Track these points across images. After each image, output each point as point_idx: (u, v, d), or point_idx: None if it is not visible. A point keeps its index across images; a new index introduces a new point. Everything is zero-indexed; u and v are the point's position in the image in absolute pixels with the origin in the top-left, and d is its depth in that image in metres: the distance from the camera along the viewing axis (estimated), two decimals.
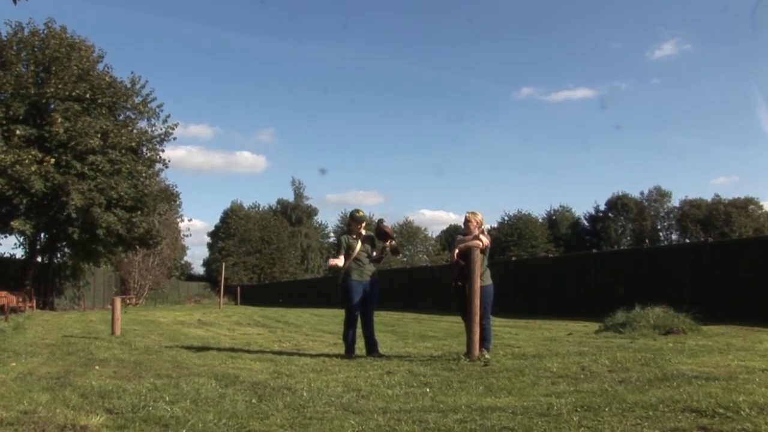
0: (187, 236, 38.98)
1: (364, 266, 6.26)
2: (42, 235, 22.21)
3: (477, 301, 5.52)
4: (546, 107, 76.33)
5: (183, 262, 51.58)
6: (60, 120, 18.75)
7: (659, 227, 54.59)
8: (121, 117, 22.37)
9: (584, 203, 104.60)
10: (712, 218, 49.65)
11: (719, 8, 65.56)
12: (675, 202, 54.40)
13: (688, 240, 43.59)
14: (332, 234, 57.16)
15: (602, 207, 55.52)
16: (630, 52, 74.83)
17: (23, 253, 22.69)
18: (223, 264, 32.68)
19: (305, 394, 3.98)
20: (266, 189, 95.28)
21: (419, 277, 23.20)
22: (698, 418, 3.06)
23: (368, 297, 6.25)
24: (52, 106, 19.60)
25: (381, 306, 7.86)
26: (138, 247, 24.48)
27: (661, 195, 54.81)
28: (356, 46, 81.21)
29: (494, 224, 52.59)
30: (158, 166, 23.36)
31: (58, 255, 24.05)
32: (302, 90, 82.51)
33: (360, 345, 6.39)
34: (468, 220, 5.97)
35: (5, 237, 21.30)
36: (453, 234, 47.86)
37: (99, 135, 19.49)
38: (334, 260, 6.46)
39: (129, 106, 22.34)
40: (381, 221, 6.43)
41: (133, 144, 21.45)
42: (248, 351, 6.94)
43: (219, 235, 52.65)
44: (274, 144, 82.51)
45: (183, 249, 44.50)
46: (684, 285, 12.53)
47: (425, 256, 54.68)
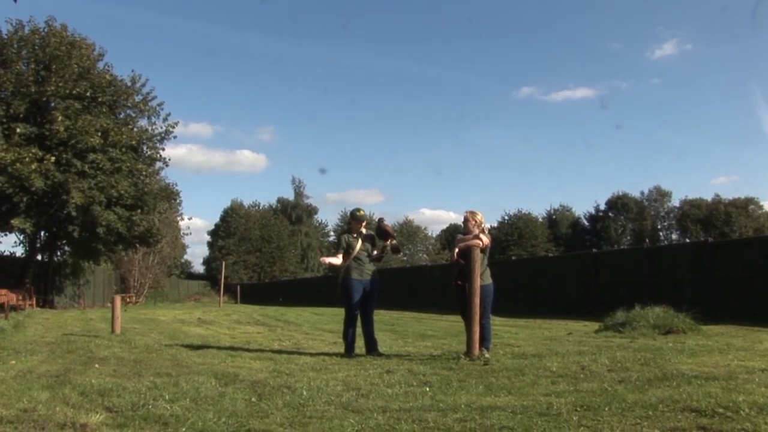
0: (187, 235, 39.04)
1: (365, 265, 6.25)
2: (42, 234, 22.21)
3: (477, 300, 5.51)
4: (546, 107, 76.44)
5: (183, 261, 51.65)
6: (60, 118, 18.75)
7: (659, 227, 54.59)
8: (122, 115, 22.37)
9: (584, 203, 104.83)
10: (712, 218, 49.61)
11: (719, 8, 65.62)
12: (675, 202, 54.56)
13: (688, 240, 43.47)
14: (332, 233, 57.23)
15: (602, 206, 55.61)
16: (630, 52, 74.96)
17: (23, 252, 22.73)
18: (223, 262, 32.69)
19: (305, 393, 3.98)
20: (266, 188, 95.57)
21: (419, 276, 23.19)
22: (698, 418, 3.05)
23: (368, 296, 6.25)
24: (53, 105, 19.59)
25: (381, 305, 7.87)
26: (138, 246, 24.47)
27: (661, 195, 54.83)
28: (356, 45, 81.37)
29: (494, 223, 52.65)
30: (158, 165, 23.41)
31: (58, 253, 24.08)
32: (302, 89, 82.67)
33: (360, 344, 6.39)
34: (467, 220, 5.96)
35: (5, 235, 21.34)
36: (453, 233, 47.87)
37: (99, 133, 19.49)
38: (329, 258, 6.54)
39: (129, 105, 22.34)
40: (381, 220, 6.42)
41: (134, 142, 21.45)
42: (248, 349, 6.94)
43: (219, 234, 52.69)
44: (275, 143, 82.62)
45: (183, 247, 44.60)
46: (684, 285, 12.56)
47: (425, 255, 54.70)
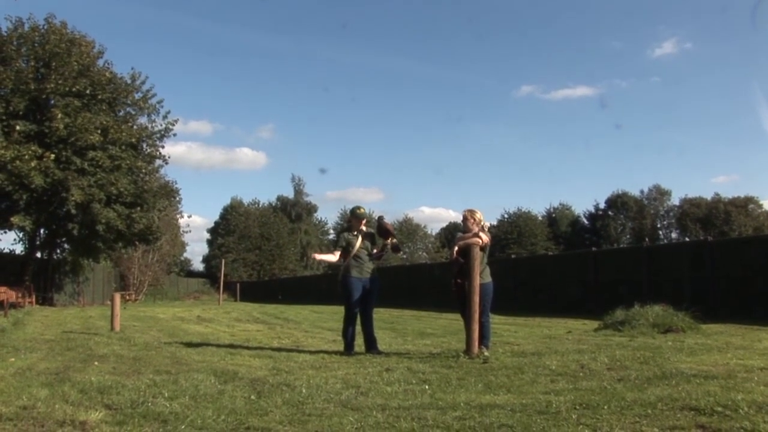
0: (187, 232, 39.12)
1: (364, 263, 6.25)
2: (41, 231, 22.16)
3: (476, 299, 5.51)
4: (546, 105, 76.30)
5: (182, 259, 51.65)
6: (60, 116, 18.70)
7: (659, 226, 54.49)
8: (121, 113, 22.30)
9: (584, 201, 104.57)
10: (712, 217, 49.51)
11: (719, 7, 65.49)
12: (675, 201, 54.44)
13: (688, 239, 43.37)
14: (332, 231, 57.20)
15: (602, 205, 55.49)
16: (630, 51, 74.76)
17: (23, 249, 22.67)
18: (223, 260, 32.72)
19: (304, 391, 3.98)
20: (266, 185, 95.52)
21: (419, 275, 23.20)
22: (697, 417, 3.05)
23: (368, 294, 6.25)
24: (52, 102, 19.53)
25: (380, 303, 7.87)
26: (137, 243, 24.42)
27: (661, 193, 54.72)
28: (356, 44, 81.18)
29: (494, 222, 52.61)
30: (158, 162, 23.33)
31: (58, 251, 24.04)
32: (302, 87, 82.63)
33: (359, 342, 6.39)
34: (465, 218, 5.95)
35: (5, 233, 21.28)
36: (453, 231, 47.87)
37: (99, 131, 19.42)
38: (322, 255, 6.60)
39: (129, 102, 22.27)
40: (381, 218, 6.42)
41: (133, 140, 21.39)
42: (247, 347, 6.93)
43: (219, 232, 52.65)
44: (274, 140, 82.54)
45: (182, 245, 44.59)
46: (683, 283, 12.57)
47: (425, 254, 54.67)
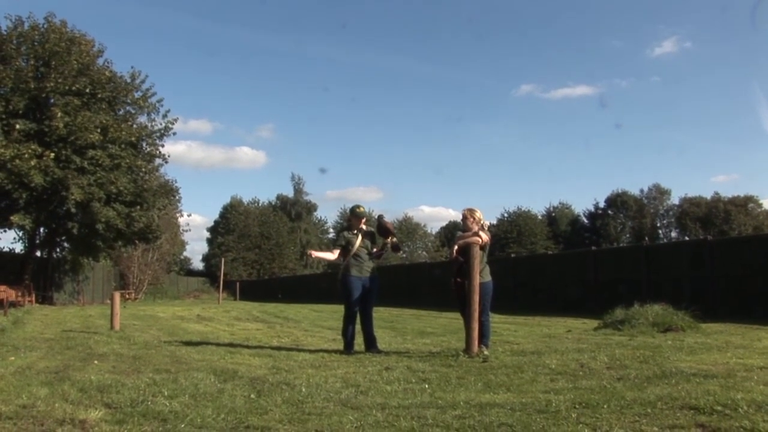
0: (187, 231, 38.92)
1: (364, 262, 6.24)
2: (41, 230, 22.14)
3: (476, 298, 5.50)
4: (546, 104, 76.27)
5: (182, 258, 51.64)
6: (60, 114, 18.68)
7: (659, 225, 54.39)
8: (121, 112, 22.27)
9: (584, 200, 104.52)
10: (712, 216, 49.38)
11: (720, 6, 65.40)
12: (674, 200, 54.34)
13: (688, 238, 43.30)
14: (331, 230, 57.19)
15: (602, 204, 55.38)
16: (630, 50, 74.69)
17: (22, 248, 22.65)
18: (223, 259, 32.69)
19: (304, 390, 3.97)
20: (266, 184, 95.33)
21: (418, 274, 23.18)
22: (696, 416, 3.05)
23: (367, 293, 6.24)
24: (52, 101, 19.50)
25: (380, 302, 7.86)
26: (137, 242, 24.42)
27: (661, 193, 54.61)
28: (356, 43, 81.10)
29: (493, 221, 52.46)
30: (158, 161, 23.31)
31: (58, 249, 24.02)
32: (302, 86, 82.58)
33: (359, 341, 6.38)
34: (465, 217, 5.93)
35: (4, 231, 21.26)
36: (452, 230, 47.83)
37: (99, 130, 19.41)
38: (320, 252, 6.61)
39: (129, 101, 22.24)
40: (381, 217, 6.41)
41: (133, 139, 21.36)
42: (247, 346, 6.93)
43: (218, 231, 52.59)
44: (274, 139, 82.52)
45: (182, 244, 44.56)
46: (683, 283, 12.56)
47: (424, 253, 54.61)
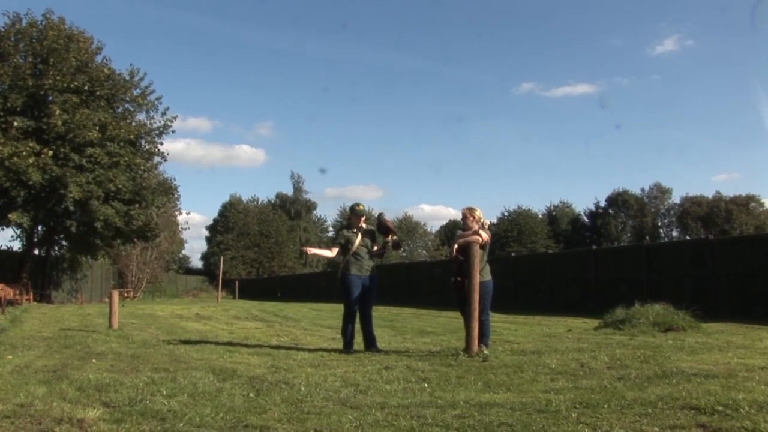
0: (186, 230, 39.04)
1: (364, 261, 6.22)
2: (39, 228, 22.13)
3: (476, 297, 5.48)
4: (546, 103, 76.20)
5: (181, 256, 51.67)
6: (58, 112, 18.63)
7: (660, 224, 54.18)
8: (120, 109, 22.24)
9: (584, 199, 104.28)
10: (713, 215, 49.18)
11: (721, 4, 65.27)
12: (676, 199, 54.14)
13: (689, 237, 42.98)
14: (331, 228, 57.10)
15: (602, 203, 55.21)
16: (631, 48, 74.62)
17: (20, 246, 22.59)
18: (222, 258, 32.68)
19: (303, 389, 3.96)
20: (265, 183, 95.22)
21: (418, 273, 23.13)
22: (697, 416, 3.04)
23: (367, 292, 6.22)
24: (50, 98, 19.45)
25: (380, 301, 7.85)
26: (136, 241, 24.42)
27: (662, 192, 54.39)
28: (356, 41, 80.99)
29: (494, 219, 52.23)
30: (157, 159, 23.31)
31: (56, 248, 23.99)
32: (301, 84, 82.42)
33: (358, 340, 6.37)
34: (465, 216, 5.91)
35: (2, 229, 21.24)
36: (452, 229, 47.76)
37: (97, 127, 19.36)
38: (317, 249, 6.61)
39: (128, 99, 22.19)
40: (382, 215, 6.39)
41: (132, 137, 21.32)
42: (246, 345, 6.91)
43: (217, 229, 52.55)
44: (273, 137, 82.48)
45: (181, 242, 44.54)
46: (684, 282, 12.48)
47: (424, 252, 54.56)
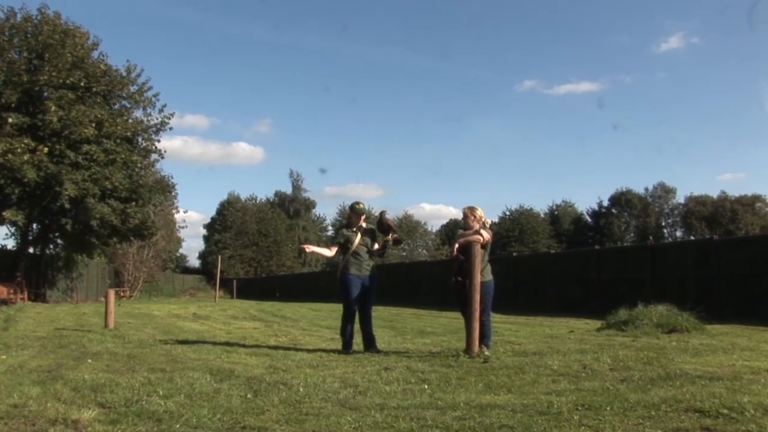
0: (183, 228, 38.99)
1: (363, 260, 6.18)
2: (34, 226, 21.96)
3: (477, 297, 5.45)
4: (548, 101, 75.44)
5: (178, 255, 51.45)
6: (53, 108, 18.48)
7: (663, 224, 53.67)
8: (116, 106, 22.08)
9: (587, 198, 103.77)
10: (718, 215, 48.62)
11: (726, 1, 64.44)
12: (680, 199, 53.55)
13: (693, 237, 42.30)
14: (330, 227, 56.97)
15: (605, 203, 54.56)
16: (635, 46, 73.04)
17: (15, 244, 22.47)
18: (219, 257, 32.52)
19: (301, 390, 3.94)
20: (264, 181, 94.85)
21: (418, 272, 22.97)
22: (701, 419, 3.01)
23: (367, 292, 6.18)
24: (46, 94, 19.28)
25: (379, 301, 7.78)
26: (132, 239, 24.27)
27: (666, 191, 53.82)
28: (356, 37, 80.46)
29: (495, 219, 51.77)
30: (154, 157, 23.19)
31: (51, 246, 23.81)
32: (300, 80, 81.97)
33: (358, 340, 6.34)
34: (466, 215, 5.90)
35: None
36: (453, 228, 47.43)
37: (93, 124, 19.23)
38: (315, 247, 6.63)
39: (124, 95, 22.02)
40: (384, 213, 6.36)
41: (129, 134, 21.20)
42: (244, 345, 6.88)
43: (215, 228, 52.33)
44: (272, 135, 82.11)
45: (178, 241, 44.40)
46: (688, 283, 12.34)
47: (425, 251, 54.39)
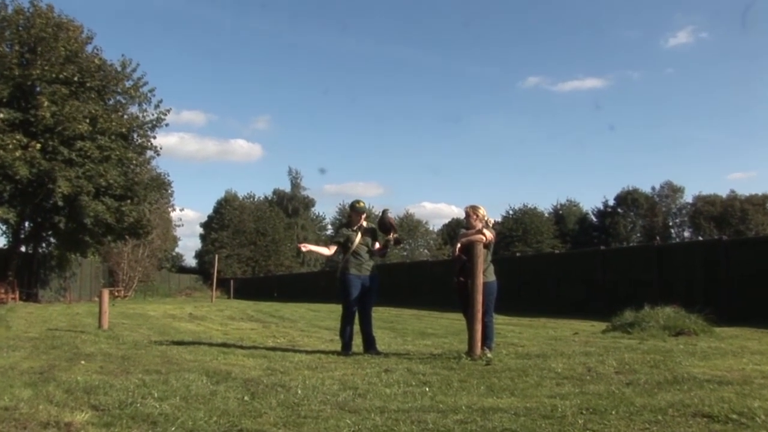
0: (179, 226, 38.62)
1: (364, 260, 6.11)
2: (26, 224, 21.77)
3: (479, 298, 5.39)
4: (553, 97, 74.18)
5: (174, 254, 51.30)
6: (46, 103, 18.29)
7: (671, 224, 52.89)
8: (111, 101, 21.88)
9: (592, 198, 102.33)
10: (727, 215, 47.82)
11: None
12: (688, 198, 52.62)
13: (701, 238, 41.49)
14: (330, 226, 56.79)
15: (611, 202, 53.51)
16: (643, 41, 71.35)
17: (6, 243, 22.27)
18: (216, 256, 32.34)
19: (300, 392, 3.90)
20: (262, 178, 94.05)
21: (419, 272, 22.86)
22: (710, 424, 2.96)
23: (367, 292, 6.12)
24: (38, 89, 19.08)
25: (379, 301, 7.74)
26: (127, 238, 24.12)
27: (674, 190, 53.02)
28: (356, 33, 79.62)
29: (498, 218, 51.12)
30: (149, 154, 23.02)
31: (44, 245, 23.58)
32: (299, 77, 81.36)
33: (357, 342, 6.28)
34: (468, 215, 5.86)
35: None
36: (455, 228, 47.15)
37: (87, 120, 19.05)
38: (313, 246, 6.63)
39: (119, 91, 21.83)
40: (386, 212, 6.31)
41: (124, 130, 21.02)
42: (241, 347, 6.82)
43: (212, 226, 52.10)
44: (271, 132, 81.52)
45: (174, 240, 44.26)
46: (696, 284, 12.21)
47: (426, 251, 54.10)
